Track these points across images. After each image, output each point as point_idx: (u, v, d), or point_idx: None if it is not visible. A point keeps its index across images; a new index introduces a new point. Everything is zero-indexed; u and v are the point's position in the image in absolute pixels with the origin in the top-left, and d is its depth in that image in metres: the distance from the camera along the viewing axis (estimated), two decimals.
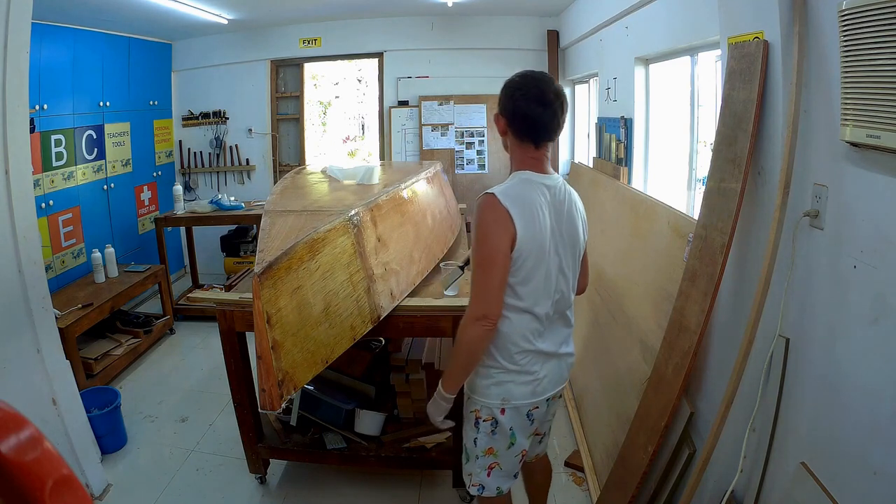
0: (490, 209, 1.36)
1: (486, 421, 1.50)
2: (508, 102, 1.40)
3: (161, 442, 2.74)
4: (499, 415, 1.49)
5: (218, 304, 2.07)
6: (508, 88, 1.41)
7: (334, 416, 2.36)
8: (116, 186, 4.23)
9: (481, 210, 1.37)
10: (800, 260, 1.36)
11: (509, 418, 1.49)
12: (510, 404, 1.48)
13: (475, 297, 1.38)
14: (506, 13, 4.67)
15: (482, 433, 1.52)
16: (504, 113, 1.43)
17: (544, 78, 1.41)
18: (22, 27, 1.96)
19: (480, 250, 1.36)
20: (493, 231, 1.35)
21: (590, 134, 4.24)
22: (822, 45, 1.26)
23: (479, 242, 1.37)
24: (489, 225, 1.35)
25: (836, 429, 1.23)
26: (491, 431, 1.51)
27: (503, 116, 1.43)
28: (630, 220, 2.61)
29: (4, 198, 1.96)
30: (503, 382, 1.47)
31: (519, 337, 1.44)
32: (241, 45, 4.89)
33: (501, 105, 1.43)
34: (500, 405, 1.48)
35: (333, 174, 2.82)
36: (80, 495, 0.60)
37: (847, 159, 1.19)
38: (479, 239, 1.36)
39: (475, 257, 1.38)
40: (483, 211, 1.37)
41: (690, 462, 1.76)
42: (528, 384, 1.48)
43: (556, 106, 1.38)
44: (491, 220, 1.35)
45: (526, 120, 1.39)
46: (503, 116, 1.43)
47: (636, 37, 2.92)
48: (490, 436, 1.51)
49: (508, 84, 1.42)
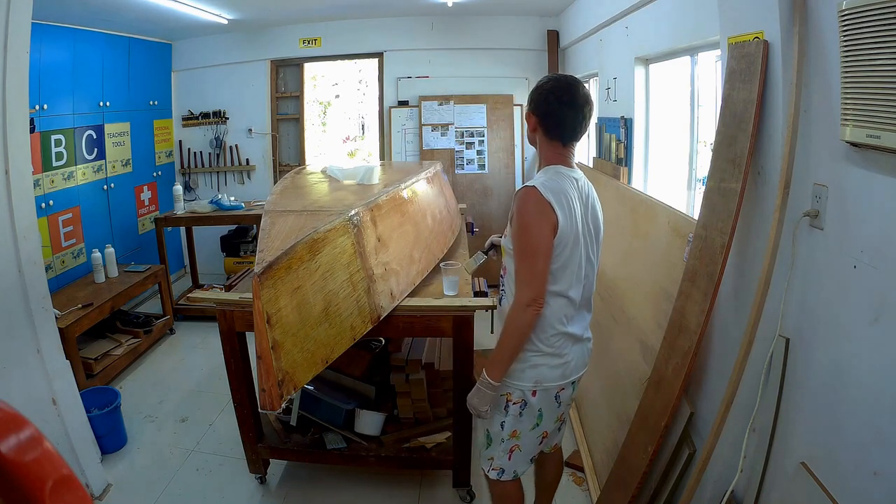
0: (533, 200, 1.43)
1: (516, 404, 1.56)
2: (542, 104, 1.50)
3: (161, 442, 2.74)
4: (530, 397, 1.55)
5: (218, 304, 2.07)
6: (542, 91, 1.50)
7: (334, 416, 2.36)
8: (116, 186, 4.23)
9: (524, 201, 1.44)
10: (800, 260, 1.36)
11: (539, 400, 1.56)
12: (542, 386, 1.55)
13: (524, 283, 1.45)
14: (506, 13, 4.67)
15: (510, 416, 1.58)
16: (536, 112, 1.52)
17: (575, 83, 1.50)
18: (22, 27, 1.96)
19: (527, 239, 1.44)
20: (536, 221, 1.43)
21: (590, 134, 4.25)
22: (822, 45, 1.26)
23: (524, 232, 1.44)
24: (533, 215, 1.43)
25: (836, 429, 1.23)
26: (519, 413, 1.57)
27: (535, 115, 1.52)
28: (630, 220, 2.61)
29: (4, 198, 1.96)
30: (538, 365, 1.53)
31: (556, 320, 1.52)
32: (241, 45, 4.89)
33: (534, 105, 1.52)
34: (533, 387, 1.55)
35: (333, 174, 2.82)
36: (80, 495, 0.60)
37: (847, 159, 1.19)
38: (524, 228, 1.44)
39: (521, 246, 1.45)
40: (526, 202, 1.44)
41: (690, 462, 1.76)
42: (559, 367, 1.55)
43: (586, 110, 1.49)
44: (535, 211, 1.43)
45: (557, 121, 1.50)
46: (535, 115, 1.52)
47: (636, 37, 2.92)
48: (517, 418, 1.57)
49: (542, 86, 1.51)
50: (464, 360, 2.06)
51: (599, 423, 2.45)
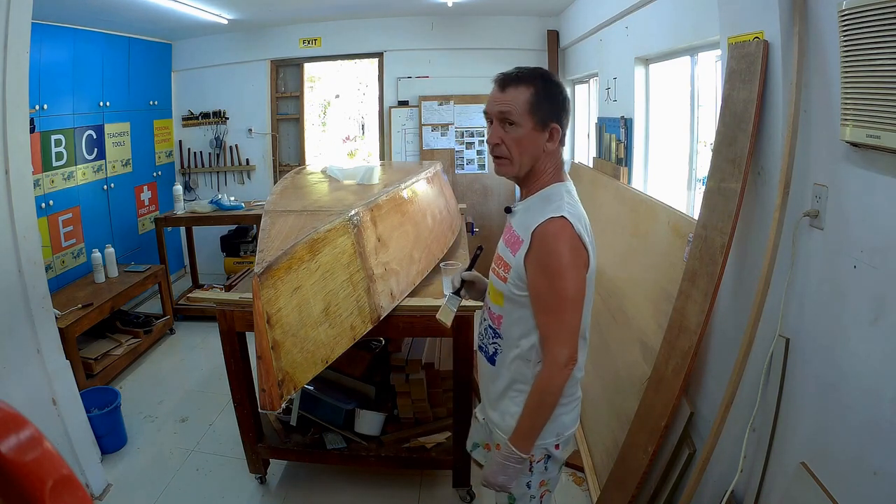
0: (569, 239, 1.21)
1: (540, 461, 1.38)
2: (565, 109, 1.29)
3: (161, 442, 2.74)
4: (553, 450, 1.38)
5: (218, 304, 2.07)
6: (562, 93, 1.28)
7: (334, 416, 2.36)
8: (116, 186, 4.23)
9: (560, 240, 1.21)
10: (800, 260, 1.36)
11: (562, 451, 1.40)
12: (563, 437, 1.39)
13: (562, 340, 1.24)
14: (506, 13, 4.67)
15: (536, 474, 1.39)
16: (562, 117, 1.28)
17: None
18: (22, 27, 1.96)
19: (566, 287, 1.22)
20: (573, 265, 1.22)
21: (590, 134, 4.24)
22: (822, 45, 1.26)
23: (559, 279, 1.22)
24: (569, 259, 1.21)
25: (836, 429, 1.23)
26: (545, 468, 1.40)
27: (559, 120, 1.27)
28: (630, 220, 2.61)
29: (4, 198, 1.96)
30: (557, 417, 1.34)
31: (577, 368, 1.33)
32: (241, 45, 4.89)
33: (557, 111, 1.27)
34: (555, 441, 1.37)
35: (333, 174, 2.82)
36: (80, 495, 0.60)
37: (847, 159, 1.19)
38: (560, 275, 1.21)
39: (557, 297, 1.22)
40: (562, 241, 1.21)
41: (690, 462, 1.76)
42: (575, 409, 1.41)
43: None
44: (568, 252, 1.21)
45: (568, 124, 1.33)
46: (559, 120, 1.27)
47: (636, 37, 2.92)
48: (543, 472, 1.40)
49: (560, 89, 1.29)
50: (464, 360, 2.06)
51: (599, 423, 2.45)
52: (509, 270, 1.29)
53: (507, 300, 1.31)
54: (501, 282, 1.32)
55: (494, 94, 1.28)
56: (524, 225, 1.27)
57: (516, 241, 1.29)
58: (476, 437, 1.62)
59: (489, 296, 1.41)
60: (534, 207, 1.29)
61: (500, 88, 1.27)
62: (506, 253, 1.33)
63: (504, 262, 1.32)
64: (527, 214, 1.29)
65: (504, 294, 1.32)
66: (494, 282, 1.36)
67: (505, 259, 1.32)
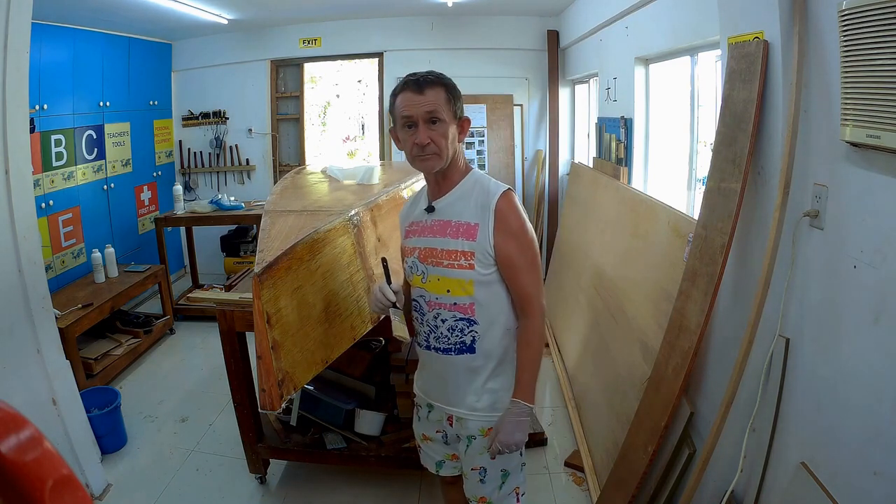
0: (520, 205, 1.39)
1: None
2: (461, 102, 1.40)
3: (161, 442, 2.74)
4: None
5: (218, 304, 2.07)
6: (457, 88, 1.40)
7: (334, 416, 2.36)
8: (116, 186, 4.23)
9: (518, 207, 1.37)
10: (800, 260, 1.36)
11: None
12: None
13: (540, 292, 1.39)
14: (506, 13, 4.67)
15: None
16: (463, 113, 1.40)
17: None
18: (22, 27, 1.96)
19: (533, 246, 1.38)
20: (530, 226, 1.39)
21: (590, 134, 4.24)
22: (822, 45, 1.26)
23: (530, 239, 1.37)
24: (527, 219, 1.39)
25: (836, 429, 1.23)
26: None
27: (465, 117, 1.41)
28: (630, 220, 2.61)
29: (4, 198, 1.96)
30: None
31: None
32: (241, 45, 4.89)
33: (462, 106, 1.39)
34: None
35: (333, 174, 2.82)
36: (80, 495, 0.60)
37: (847, 159, 1.19)
38: (529, 235, 1.37)
39: (530, 256, 1.37)
40: (518, 207, 1.38)
41: (690, 462, 1.76)
42: None
43: None
44: (525, 215, 1.38)
45: None
46: (465, 117, 1.41)
47: (636, 37, 2.92)
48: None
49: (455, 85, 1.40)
50: None
51: (599, 423, 2.45)
52: (473, 256, 1.34)
53: (479, 284, 1.36)
54: (468, 270, 1.35)
55: (411, 97, 1.32)
56: (470, 210, 1.37)
57: (468, 228, 1.36)
58: (436, 454, 1.59)
59: (446, 293, 1.39)
60: (471, 193, 1.39)
61: (418, 91, 1.31)
62: (459, 244, 1.36)
63: (461, 252, 1.36)
64: (466, 202, 1.38)
65: (475, 280, 1.36)
66: (456, 274, 1.36)
67: (461, 249, 1.36)
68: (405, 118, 1.33)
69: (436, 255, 1.39)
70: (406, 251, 1.49)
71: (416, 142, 1.32)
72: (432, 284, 1.40)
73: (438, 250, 1.39)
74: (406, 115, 1.33)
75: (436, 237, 1.40)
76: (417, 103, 1.31)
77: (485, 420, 1.43)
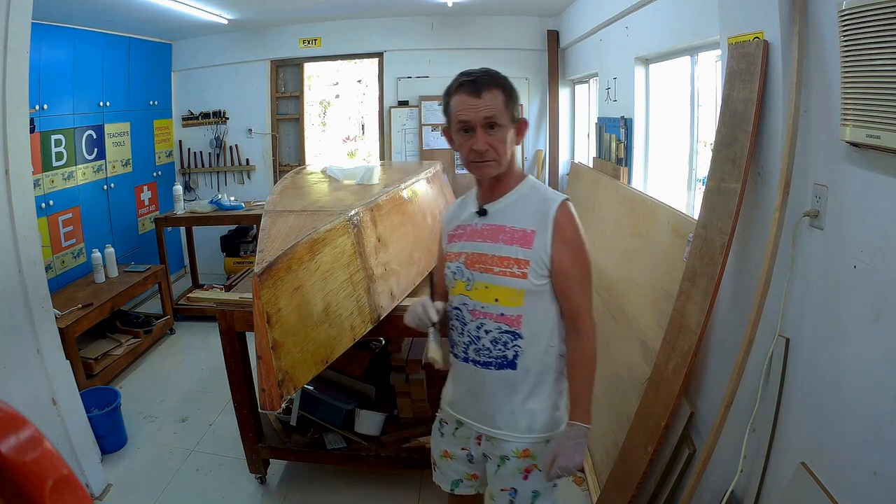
0: (577, 217, 1.31)
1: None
2: (519, 103, 1.35)
3: (161, 442, 2.74)
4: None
5: (218, 304, 2.07)
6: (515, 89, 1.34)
7: (334, 416, 2.36)
8: (116, 186, 4.23)
9: (575, 219, 1.30)
10: (800, 260, 1.36)
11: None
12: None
13: (590, 308, 1.32)
14: (506, 13, 4.67)
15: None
16: (520, 115, 1.34)
17: None
18: (22, 27, 1.96)
19: (588, 260, 1.31)
20: (585, 241, 1.32)
21: (590, 134, 4.24)
22: (822, 45, 1.26)
23: (585, 253, 1.30)
24: (583, 233, 1.31)
25: (836, 429, 1.23)
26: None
27: (522, 118, 1.34)
28: (630, 220, 2.61)
29: (4, 198, 1.96)
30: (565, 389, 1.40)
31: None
32: (241, 45, 4.89)
33: (518, 107, 1.33)
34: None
35: (333, 174, 2.82)
36: (80, 495, 0.60)
37: (847, 159, 1.19)
38: (585, 249, 1.30)
39: (584, 270, 1.30)
40: (577, 219, 1.30)
41: (690, 462, 1.76)
42: None
43: None
44: (581, 230, 1.31)
45: None
46: (522, 118, 1.34)
47: (636, 37, 2.92)
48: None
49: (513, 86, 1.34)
50: None
51: (599, 423, 2.44)
52: (528, 265, 1.27)
53: (529, 295, 1.29)
54: (521, 279, 1.28)
55: (467, 101, 1.25)
56: (527, 216, 1.30)
57: (524, 235, 1.29)
58: (455, 473, 1.50)
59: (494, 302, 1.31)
60: (528, 198, 1.33)
61: (475, 94, 1.25)
62: (513, 251, 1.29)
63: (514, 259, 1.28)
64: (521, 207, 1.32)
65: (526, 290, 1.28)
66: (507, 282, 1.29)
67: (514, 256, 1.28)
68: (461, 122, 1.27)
69: (485, 260, 1.31)
70: (449, 256, 1.39)
71: (473, 148, 1.26)
72: (478, 292, 1.32)
73: (488, 256, 1.31)
74: (463, 120, 1.26)
75: (486, 242, 1.32)
76: (475, 107, 1.24)
77: (520, 441, 1.36)
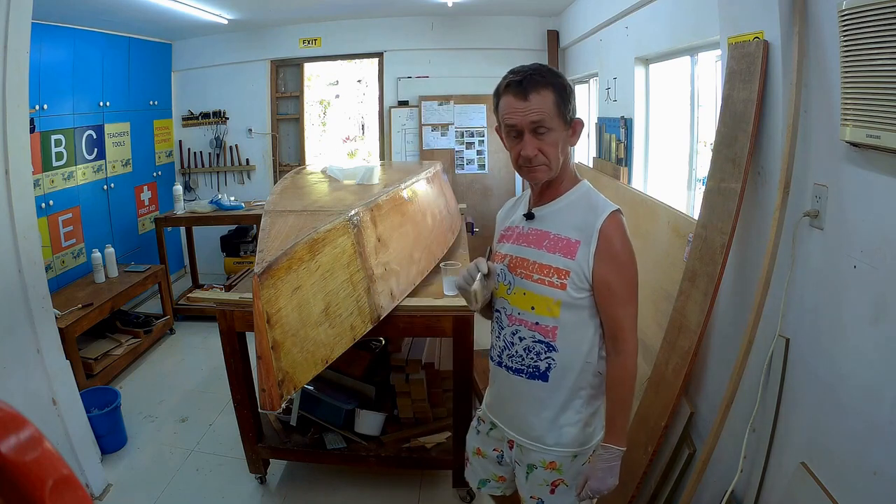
0: (627, 231, 1.24)
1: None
2: (575, 98, 1.24)
3: (161, 442, 2.74)
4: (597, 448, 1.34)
5: (218, 304, 2.07)
6: (570, 84, 1.24)
7: (334, 416, 2.36)
8: (116, 186, 4.23)
9: (625, 232, 1.23)
10: (800, 260, 1.36)
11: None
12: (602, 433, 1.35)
13: (634, 329, 1.24)
14: (506, 13, 4.67)
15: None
16: (576, 113, 1.25)
17: None
18: (22, 27, 1.96)
19: (634, 278, 1.24)
20: (634, 254, 1.25)
21: (590, 134, 4.24)
22: (822, 45, 1.26)
23: (631, 270, 1.23)
24: (632, 248, 1.24)
25: (836, 429, 1.23)
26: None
27: (577, 118, 1.25)
28: (630, 221, 2.59)
29: (4, 198, 1.96)
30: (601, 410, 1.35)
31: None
32: (241, 45, 4.89)
33: (574, 105, 1.23)
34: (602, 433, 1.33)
35: (333, 174, 2.82)
36: (80, 495, 0.60)
37: (847, 159, 1.19)
38: (631, 266, 1.23)
39: (629, 288, 1.23)
40: (626, 233, 1.23)
41: (690, 462, 1.76)
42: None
43: None
44: (630, 243, 1.24)
45: None
46: (577, 118, 1.25)
47: (636, 37, 2.92)
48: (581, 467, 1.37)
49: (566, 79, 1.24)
50: (464, 360, 2.06)
51: None
52: (568, 276, 1.22)
53: (567, 307, 1.23)
54: (559, 290, 1.23)
55: (514, 104, 1.18)
56: (573, 225, 1.24)
57: (567, 244, 1.23)
58: (484, 472, 1.50)
59: (530, 310, 1.27)
60: (577, 206, 1.26)
61: (522, 96, 1.17)
62: (554, 259, 1.24)
63: (555, 268, 1.23)
64: (570, 215, 1.25)
65: (563, 301, 1.23)
66: (545, 291, 1.24)
67: (555, 266, 1.23)
68: (509, 127, 1.21)
69: (526, 266, 1.27)
70: (497, 256, 1.37)
71: (522, 153, 1.20)
72: (517, 298, 1.28)
73: (530, 262, 1.27)
74: (510, 124, 1.20)
75: (530, 247, 1.28)
76: (522, 111, 1.17)
77: (549, 454, 1.33)
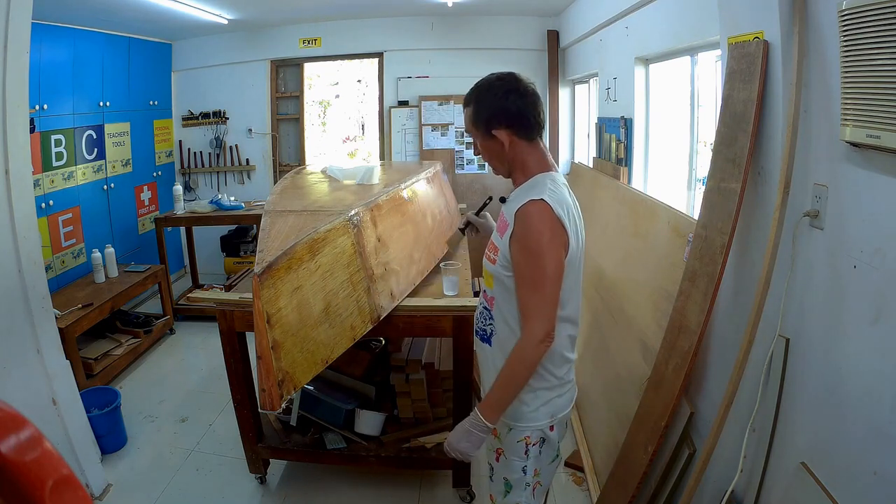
0: (547, 219, 1.27)
1: (535, 444, 1.43)
2: (510, 107, 1.32)
3: (161, 442, 2.74)
4: (548, 432, 1.43)
5: (218, 304, 2.07)
6: (499, 94, 1.33)
7: (334, 416, 2.36)
8: (116, 186, 4.23)
9: (536, 220, 1.28)
10: (800, 260, 1.36)
11: (557, 432, 1.45)
12: (557, 419, 1.43)
13: (537, 316, 1.29)
14: (506, 13, 4.67)
15: (531, 458, 1.44)
16: (506, 121, 1.33)
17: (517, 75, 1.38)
18: (22, 27, 1.96)
19: (542, 266, 1.28)
20: (551, 243, 1.28)
21: (590, 134, 4.24)
22: (822, 45, 1.26)
23: (537, 258, 1.28)
24: (547, 238, 1.27)
25: (836, 429, 1.23)
26: (539, 452, 1.44)
27: (506, 127, 1.33)
28: (630, 220, 2.61)
29: (4, 198, 1.96)
30: (551, 399, 1.41)
31: (564, 348, 1.41)
32: (241, 45, 4.89)
33: (500, 115, 1.33)
34: (550, 423, 1.42)
35: (333, 174, 2.82)
36: (80, 495, 0.60)
37: (847, 159, 1.19)
38: (538, 254, 1.28)
39: (534, 275, 1.28)
40: (539, 221, 1.28)
41: (690, 462, 1.75)
42: (568, 392, 1.47)
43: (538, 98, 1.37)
44: (548, 232, 1.27)
45: (529, 117, 1.34)
46: (506, 127, 1.33)
47: (636, 37, 2.92)
48: (538, 458, 1.45)
49: (495, 90, 1.34)
50: (464, 360, 2.06)
51: (599, 423, 2.45)
52: (498, 253, 1.36)
53: (497, 281, 1.38)
54: (491, 264, 1.39)
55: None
56: (510, 210, 1.35)
57: (504, 226, 1.36)
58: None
59: (483, 279, 1.47)
60: (520, 194, 1.36)
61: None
62: (496, 237, 1.41)
63: (494, 245, 1.40)
64: (514, 202, 1.36)
65: (494, 276, 1.39)
66: (487, 265, 1.42)
67: (495, 243, 1.40)
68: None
69: (489, 243, 1.45)
70: None
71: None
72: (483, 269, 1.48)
73: (490, 240, 1.46)
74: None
75: (495, 227, 1.47)
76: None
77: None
